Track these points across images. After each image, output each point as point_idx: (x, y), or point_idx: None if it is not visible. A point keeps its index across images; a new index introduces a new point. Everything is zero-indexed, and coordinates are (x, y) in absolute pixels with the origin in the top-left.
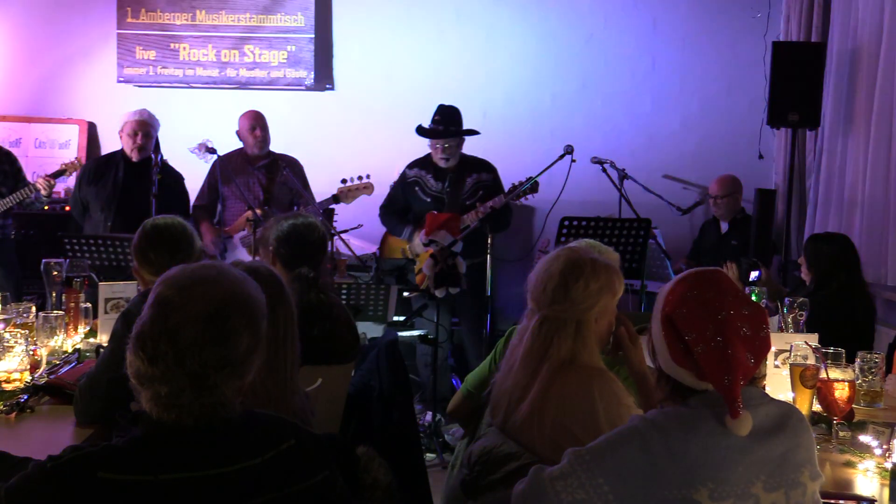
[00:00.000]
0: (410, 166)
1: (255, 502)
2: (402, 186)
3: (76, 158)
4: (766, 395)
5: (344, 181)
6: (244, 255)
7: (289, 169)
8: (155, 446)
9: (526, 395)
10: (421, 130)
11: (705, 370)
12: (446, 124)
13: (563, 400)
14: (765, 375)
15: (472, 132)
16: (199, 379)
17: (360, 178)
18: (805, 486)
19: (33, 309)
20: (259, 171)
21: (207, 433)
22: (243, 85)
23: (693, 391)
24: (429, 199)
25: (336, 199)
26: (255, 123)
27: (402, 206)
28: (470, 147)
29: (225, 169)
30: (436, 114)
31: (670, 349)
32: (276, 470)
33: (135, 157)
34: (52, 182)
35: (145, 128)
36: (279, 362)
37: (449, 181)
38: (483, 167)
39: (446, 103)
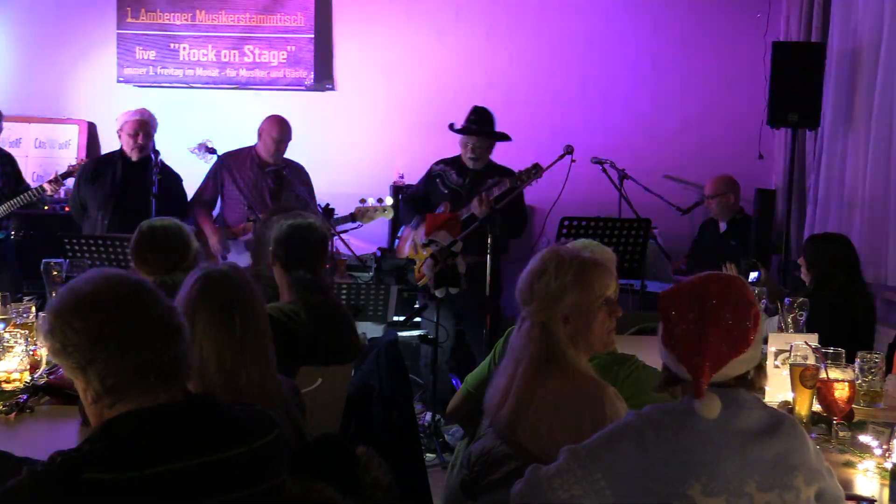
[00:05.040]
0: (438, 163)
1: (243, 493)
2: (426, 180)
3: (82, 159)
4: (760, 400)
5: (363, 201)
6: (248, 258)
7: (289, 171)
8: (138, 442)
9: (506, 396)
10: (454, 128)
11: (680, 351)
12: (479, 124)
13: (551, 406)
14: (761, 388)
15: (504, 136)
16: (168, 327)
17: (379, 200)
18: (799, 489)
19: (33, 309)
20: (269, 175)
21: (193, 418)
22: (243, 85)
23: (679, 380)
24: (446, 192)
25: (353, 217)
26: (283, 138)
27: (422, 198)
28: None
29: (233, 167)
30: (471, 114)
31: (662, 331)
32: (260, 461)
33: (135, 157)
34: (61, 183)
35: (146, 128)
36: (241, 366)
37: (469, 178)
38: (508, 173)
39: (480, 105)
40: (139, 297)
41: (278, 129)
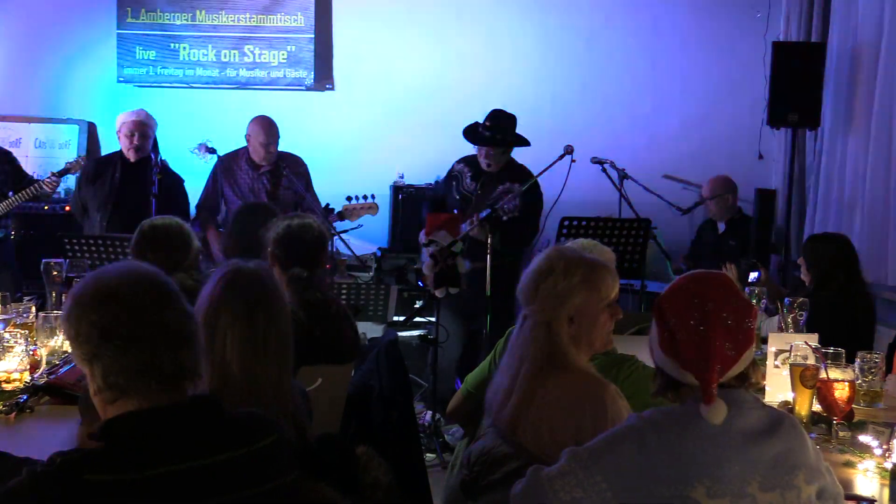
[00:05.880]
0: (459, 161)
1: (244, 494)
2: (446, 179)
3: (80, 157)
4: (760, 400)
5: (349, 199)
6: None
7: (288, 169)
8: (139, 443)
9: (509, 396)
10: (467, 134)
11: (685, 356)
12: (494, 131)
13: (551, 405)
14: (758, 383)
15: (522, 141)
16: (182, 334)
17: (364, 197)
18: (800, 488)
19: (33, 309)
20: (264, 175)
21: (193, 420)
22: (243, 85)
23: (680, 384)
24: (458, 197)
25: (341, 216)
26: (271, 140)
27: (440, 200)
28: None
29: (230, 170)
30: (487, 118)
31: (659, 337)
32: (261, 463)
33: (132, 158)
34: (58, 181)
35: (142, 128)
36: (260, 365)
37: (481, 183)
38: (519, 176)
39: (502, 109)
40: (157, 298)
41: (264, 133)
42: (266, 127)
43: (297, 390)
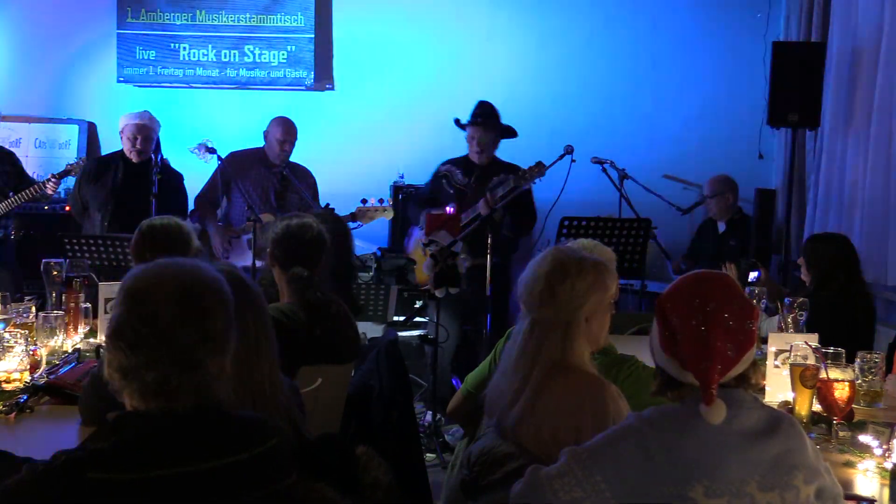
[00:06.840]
0: (444, 163)
1: (246, 496)
2: (432, 180)
3: (81, 159)
4: (759, 400)
5: (364, 201)
6: (250, 258)
7: (290, 172)
8: (143, 443)
9: (518, 398)
10: (460, 123)
11: (686, 356)
12: (485, 117)
13: (553, 405)
14: (758, 384)
15: (510, 130)
16: (183, 356)
17: (380, 200)
18: (799, 489)
19: (33, 309)
20: (275, 175)
21: (197, 424)
22: (243, 85)
23: (680, 384)
24: (452, 191)
25: (353, 217)
26: (287, 138)
27: (429, 199)
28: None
29: (240, 165)
30: (476, 108)
31: (659, 336)
32: (262, 467)
33: (135, 159)
34: (59, 182)
35: (145, 131)
36: (252, 365)
37: (475, 176)
38: (512, 170)
39: (485, 100)
40: (182, 312)
41: (281, 130)
42: (285, 125)
43: (287, 385)
